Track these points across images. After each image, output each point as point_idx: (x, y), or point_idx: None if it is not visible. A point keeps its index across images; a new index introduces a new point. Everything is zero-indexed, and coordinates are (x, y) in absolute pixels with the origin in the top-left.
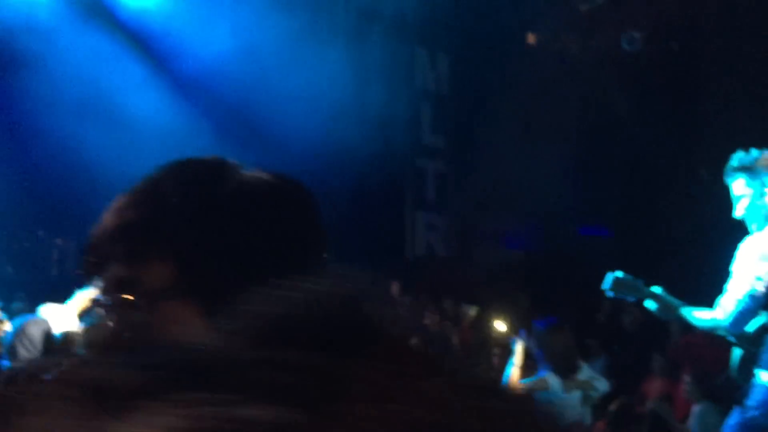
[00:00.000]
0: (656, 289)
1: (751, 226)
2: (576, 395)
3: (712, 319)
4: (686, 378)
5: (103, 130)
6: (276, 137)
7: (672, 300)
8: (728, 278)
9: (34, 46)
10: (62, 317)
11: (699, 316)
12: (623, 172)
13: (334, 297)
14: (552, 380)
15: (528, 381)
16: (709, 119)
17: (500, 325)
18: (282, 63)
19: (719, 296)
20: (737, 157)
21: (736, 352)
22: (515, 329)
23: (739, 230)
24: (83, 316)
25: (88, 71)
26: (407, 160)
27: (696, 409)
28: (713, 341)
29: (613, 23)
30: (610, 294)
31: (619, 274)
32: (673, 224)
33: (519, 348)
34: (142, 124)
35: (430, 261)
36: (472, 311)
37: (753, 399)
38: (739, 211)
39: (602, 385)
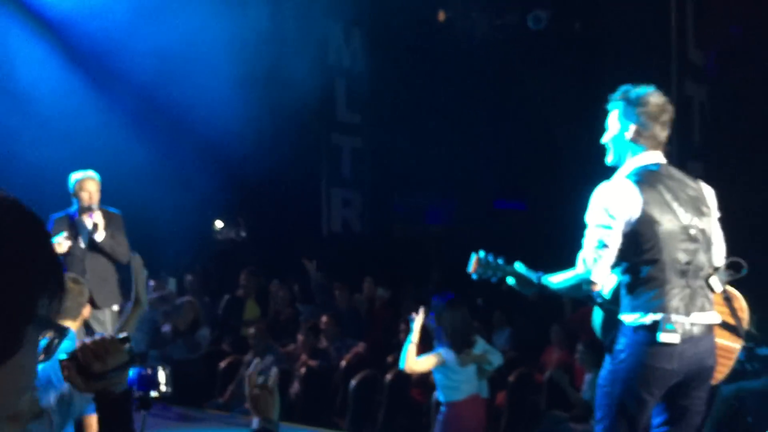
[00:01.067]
0: (517, 266)
1: (608, 157)
2: (471, 369)
3: (574, 276)
4: (579, 347)
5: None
6: (188, 114)
7: (531, 274)
8: (584, 229)
9: None
10: None
11: (560, 278)
12: (536, 147)
13: None
14: (447, 355)
15: (423, 356)
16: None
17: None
18: (192, 35)
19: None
20: (623, 88)
21: (597, 314)
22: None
23: None
24: None
25: None
26: (322, 137)
27: (588, 377)
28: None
29: (520, 1)
30: (473, 276)
31: (481, 253)
32: (579, 197)
33: (417, 324)
34: (45, 103)
35: (346, 237)
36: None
37: (620, 343)
38: (605, 138)
39: (497, 359)
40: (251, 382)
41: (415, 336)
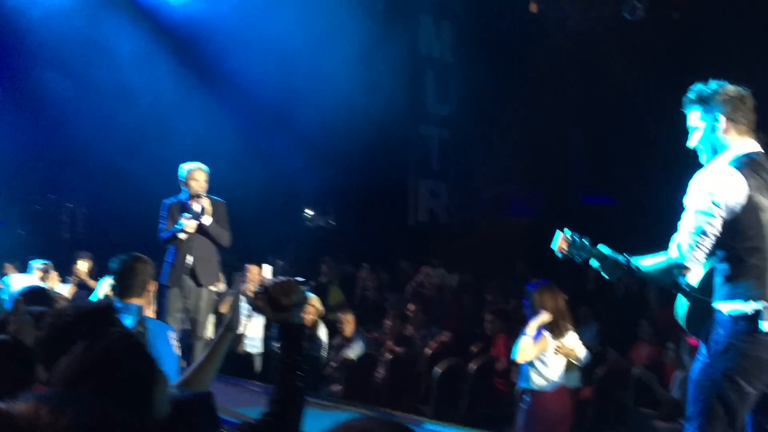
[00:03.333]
0: (602, 248)
1: (702, 157)
2: (561, 360)
3: (667, 260)
4: (670, 345)
5: (111, 103)
6: (284, 105)
7: (618, 256)
8: (682, 213)
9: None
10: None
11: (651, 261)
12: (626, 141)
13: None
14: (549, 339)
15: (525, 344)
16: None
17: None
18: (283, 32)
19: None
20: (695, 89)
21: (682, 305)
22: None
23: None
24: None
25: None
26: (412, 128)
27: (678, 375)
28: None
29: None
30: (558, 254)
31: (567, 231)
32: (670, 193)
33: (536, 320)
34: (149, 98)
35: (432, 227)
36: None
37: (717, 333)
38: (692, 142)
39: (585, 357)
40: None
41: (531, 329)
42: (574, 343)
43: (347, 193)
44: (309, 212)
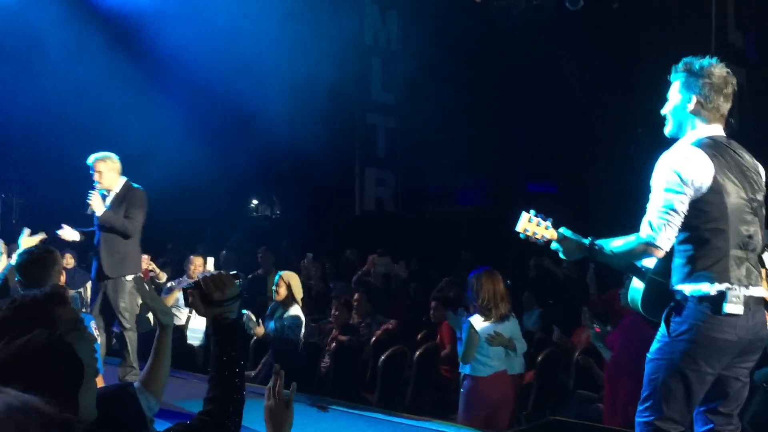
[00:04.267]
0: (564, 230)
1: (666, 128)
2: (499, 350)
3: (636, 239)
4: (608, 329)
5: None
6: (226, 93)
7: (580, 238)
8: (648, 193)
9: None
10: None
11: (619, 242)
12: (569, 129)
13: None
14: (479, 326)
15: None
16: (647, 78)
17: None
18: (227, 17)
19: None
20: (687, 59)
21: (636, 290)
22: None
23: None
24: None
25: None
26: (357, 116)
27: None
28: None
29: None
30: (521, 235)
31: (532, 212)
32: (612, 180)
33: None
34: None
35: (379, 216)
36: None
37: (678, 314)
38: (665, 109)
39: (522, 347)
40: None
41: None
42: (513, 328)
43: (293, 182)
44: (254, 202)
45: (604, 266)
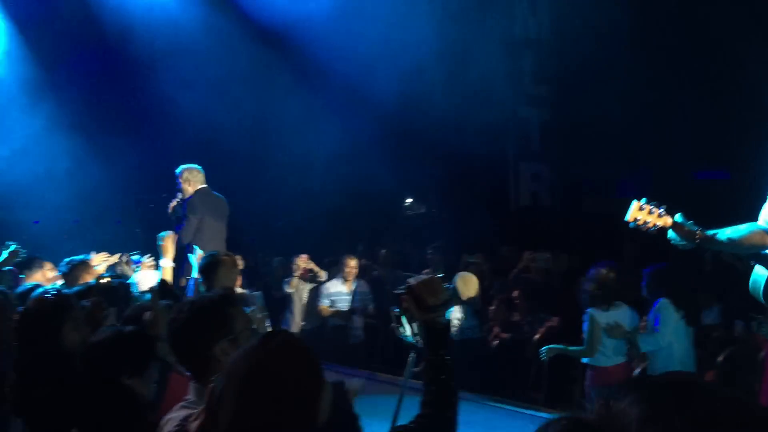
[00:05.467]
0: (677, 217)
1: None
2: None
3: (750, 226)
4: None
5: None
6: (380, 94)
7: (693, 227)
8: None
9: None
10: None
11: (736, 229)
12: (739, 112)
13: None
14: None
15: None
16: None
17: None
18: (379, 16)
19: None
20: None
21: (759, 278)
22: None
23: None
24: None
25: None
26: (510, 110)
27: None
28: None
29: None
30: (630, 224)
31: (643, 200)
32: None
33: None
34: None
35: (535, 211)
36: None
37: None
38: None
39: (645, 345)
40: None
41: None
42: (623, 317)
43: (446, 180)
44: (408, 200)
45: None
